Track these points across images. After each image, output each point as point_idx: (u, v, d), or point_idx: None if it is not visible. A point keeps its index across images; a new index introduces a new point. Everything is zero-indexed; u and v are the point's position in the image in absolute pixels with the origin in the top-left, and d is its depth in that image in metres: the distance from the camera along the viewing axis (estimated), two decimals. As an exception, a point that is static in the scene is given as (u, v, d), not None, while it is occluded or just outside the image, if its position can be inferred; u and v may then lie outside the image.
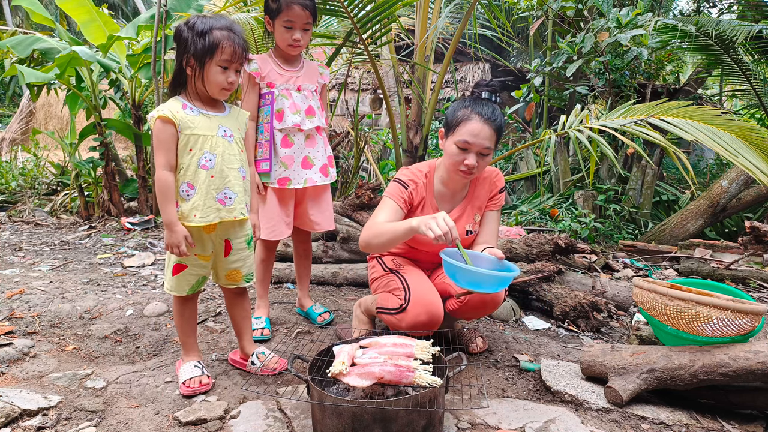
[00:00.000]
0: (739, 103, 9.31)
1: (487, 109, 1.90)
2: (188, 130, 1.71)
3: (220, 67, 1.69)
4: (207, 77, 1.70)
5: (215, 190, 1.75)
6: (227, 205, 1.77)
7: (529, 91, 5.49)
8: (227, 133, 1.78)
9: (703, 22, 5.31)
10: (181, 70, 1.72)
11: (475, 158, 1.89)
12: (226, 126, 1.79)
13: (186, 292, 1.85)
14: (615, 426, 1.66)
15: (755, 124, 5.26)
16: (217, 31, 1.66)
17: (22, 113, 10.98)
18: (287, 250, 3.26)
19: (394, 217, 1.96)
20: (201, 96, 1.77)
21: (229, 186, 1.77)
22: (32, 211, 5.33)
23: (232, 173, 1.78)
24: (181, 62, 1.71)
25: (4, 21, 14.82)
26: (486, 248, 1.97)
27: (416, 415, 1.43)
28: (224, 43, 1.66)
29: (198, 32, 1.66)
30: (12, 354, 2.03)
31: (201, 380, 1.83)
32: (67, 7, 4.79)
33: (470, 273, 1.68)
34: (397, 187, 2.01)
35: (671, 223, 4.32)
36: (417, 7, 3.47)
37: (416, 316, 1.87)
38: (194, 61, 1.68)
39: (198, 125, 1.72)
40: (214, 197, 1.75)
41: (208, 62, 1.67)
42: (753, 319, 1.65)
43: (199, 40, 1.65)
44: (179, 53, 1.71)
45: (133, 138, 5.08)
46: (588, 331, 2.57)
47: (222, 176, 1.75)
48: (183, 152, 1.72)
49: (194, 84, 1.73)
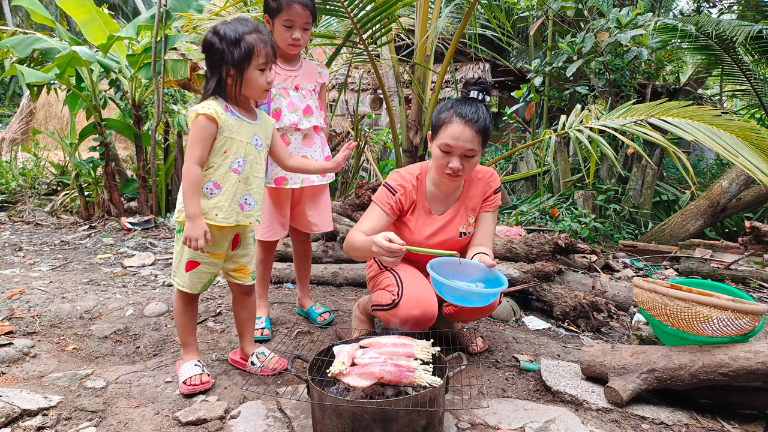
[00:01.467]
0: (739, 103, 9.31)
1: (469, 110, 1.86)
2: (228, 133, 1.75)
3: (259, 70, 1.73)
4: (248, 83, 1.74)
5: (239, 195, 1.79)
6: (245, 210, 1.82)
7: (529, 91, 5.49)
8: (258, 142, 1.84)
9: (703, 22, 5.31)
10: (219, 79, 1.74)
11: (459, 161, 1.87)
12: (258, 135, 1.84)
13: (198, 290, 1.86)
14: (615, 426, 1.66)
15: (755, 124, 5.26)
16: (248, 36, 1.70)
17: (22, 113, 10.99)
18: (287, 250, 3.26)
19: (379, 223, 1.96)
20: (239, 102, 1.81)
21: (251, 193, 1.83)
22: (32, 211, 5.33)
23: (256, 181, 1.84)
24: (220, 73, 1.73)
25: (5, 21, 14.82)
26: (477, 253, 1.94)
27: (416, 415, 1.43)
28: (258, 47, 1.70)
29: (231, 41, 1.69)
30: (12, 354, 2.03)
31: (201, 378, 1.83)
32: (67, 7, 4.79)
33: (456, 289, 1.69)
34: (385, 192, 2.01)
35: (671, 223, 4.32)
36: (417, 7, 3.47)
37: (409, 311, 1.86)
38: (234, 70, 1.72)
39: (237, 131, 1.77)
40: (237, 201, 1.79)
41: (247, 68, 1.72)
42: (753, 319, 1.65)
43: (234, 49, 1.69)
44: (214, 64, 1.73)
45: (133, 138, 5.08)
46: (588, 331, 2.58)
47: (247, 183, 1.81)
48: (217, 152, 1.75)
49: (234, 91, 1.77)
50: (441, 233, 2.05)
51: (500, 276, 1.81)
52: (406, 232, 2.07)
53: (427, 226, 2.05)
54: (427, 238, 2.05)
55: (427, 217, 2.05)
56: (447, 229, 2.05)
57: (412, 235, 2.06)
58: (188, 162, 1.71)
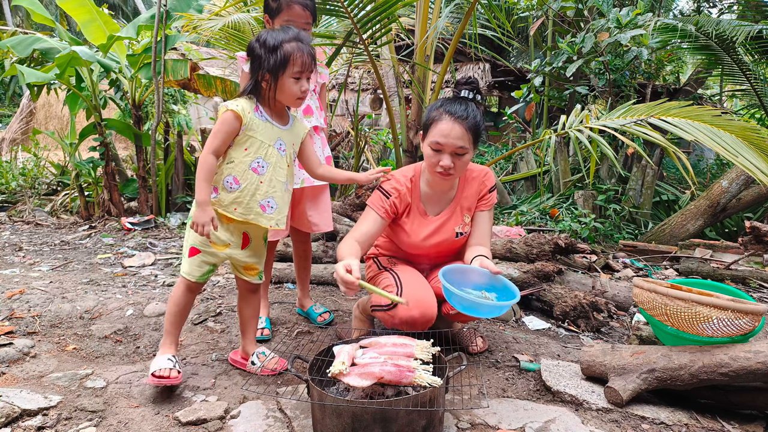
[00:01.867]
0: (739, 103, 9.31)
1: (459, 108, 1.86)
2: (251, 132, 1.81)
3: (293, 78, 1.78)
4: (282, 89, 1.80)
5: (261, 196, 1.84)
6: (266, 212, 1.87)
7: (529, 91, 5.49)
8: (281, 147, 1.89)
9: (703, 22, 5.32)
10: (256, 83, 1.81)
11: (450, 159, 1.86)
12: (283, 140, 1.89)
13: (196, 278, 1.88)
14: (615, 426, 1.66)
15: (755, 124, 5.25)
16: (287, 44, 1.76)
17: (22, 113, 10.99)
18: (287, 250, 3.26)
19: (374, 227, 1.96)
20: (272, 106, 1.87)
21: (273, 196, 1.87)
22: (32, 211, 5.33)
23: (279, 185, 1.88)
24: (257, 76, 1.80)
25: (5, 21, 14.82)
26: (477, 256, 1.93)
27: (416, 415, 1.43)
28: (295, 55, 1.76)
29: (269, 48, 1.75)
30: (12, 354, 2.03)
31: (171, 373, 1.79)
32: (67, 7, 4.80)
33: (466, 299, 1.68)
34: (379, 196, 2.01)
35: (671, 223, 4.32)
36: (417, 7, 3.47)
37: (408, 311, 1.85)
38: (269, 75, 1.77)
39: (260, 131, 1.83)
40: (258, 201, 1.84)
41: (282, 75, 1.77)
42: (753, 319, 1.66)
43: (271, 55, 1.75)
44: (254, 67, 1.81)
45: (133, 138, 5.08)
46: (588, 331, 2.58)
47: (270, 185, 1.86)
48: (238, 148, 1.82)
49: (268, 95, 1.82)
50: (437, 234, 2.05)
51: (508, 285, 1.78)
52: (402, 235, 2.07)
53: (423, 227, 2.04)
54: (424, 239, 2.04)
55: (422, 219, 2.05)
56: (443, 229, 2.05)
57: (408, 238, 2.05)
58: (205, 151, 1.78)
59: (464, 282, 1.85)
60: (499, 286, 1.83)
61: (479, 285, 1.86)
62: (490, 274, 1.83)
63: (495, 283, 1.84)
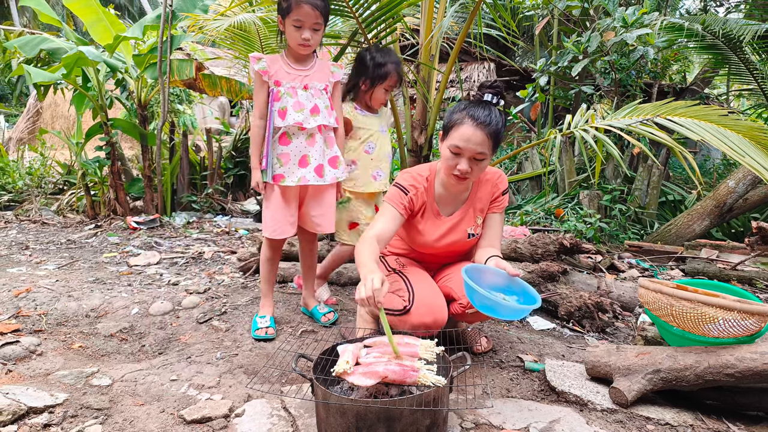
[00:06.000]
0: (746, 103, 9.24)
1: (482, 113, 1.83)
2: (357, 123, 2.56)
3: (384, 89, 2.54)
4: (373, 95, 2.55)
5: (371, 169, 2.58)
6: (377, 180, 2.60)
7: (535, 90, 5.47)
8: (383, 130, 2.64)
9: (710, 21, 5.29)
10: (356, 84, 2.55)
11: (468, 163, 1.84)
12: (382, 124, 2.65)
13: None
14: (620, 426, 1.65)
15: (762, 123, 5.22)
16: (390, 65, 2.48)
17: (29, 113, 11.07)
18: (292, 249, 3.27)
19: (393, 224, 1.94)
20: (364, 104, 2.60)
21: (381, 168, 2.62)
22: (39, 210, 5.37)
23: (385, 158, 2.65)
24: (357, 80, 2.53)
25: (12, 21, 14.93)
26: (491, 257, 1.92)
27: (420, 415, 1.43)
28: (392, 74, 2.49)
29: (376, 63, 2.47)
30: (19, 352, 2.05)
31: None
32: (74, 8, 4.82)
33: (487, 299, 1.66)
34: (398, 192, 1.99)
35: (677, 223, 4.30)
36: (422, 7, 3.46)
37: (420, 318, 1.86)
38: (369, 82, 2.50)
39: (363, 123, 2.58)
40: (370, 174, 2.57)
41: (378, 86, 2.51)
42: (759, 320, 1.64)
43: (375, 69, 2.47)
44: (358, 74, 2.53)
45: (139, 137, 5.10)
46: (593, 331, 2.57)
47: (378, 159, 2.61)
48: (353, 138, 2.58)
49: (364, 95, 2.56)
50: (450, 235, 2.05)
51: (527, 289, 1.76)
52: (415, 234, 2.07)
53: (436, 227, 2.04)
54: (437, 239, 2.05)
55: (436, 219, 2.05)
56: (456, 230, 2.05)
57: (422, 237, 2.05)
58: None
59: (481, 282, 1.82)
60: (517, 290, 1.81)
61: (496, 286, 1.84)
62: (506, 275, 1.82)
63: (512, 285, 1.83)
